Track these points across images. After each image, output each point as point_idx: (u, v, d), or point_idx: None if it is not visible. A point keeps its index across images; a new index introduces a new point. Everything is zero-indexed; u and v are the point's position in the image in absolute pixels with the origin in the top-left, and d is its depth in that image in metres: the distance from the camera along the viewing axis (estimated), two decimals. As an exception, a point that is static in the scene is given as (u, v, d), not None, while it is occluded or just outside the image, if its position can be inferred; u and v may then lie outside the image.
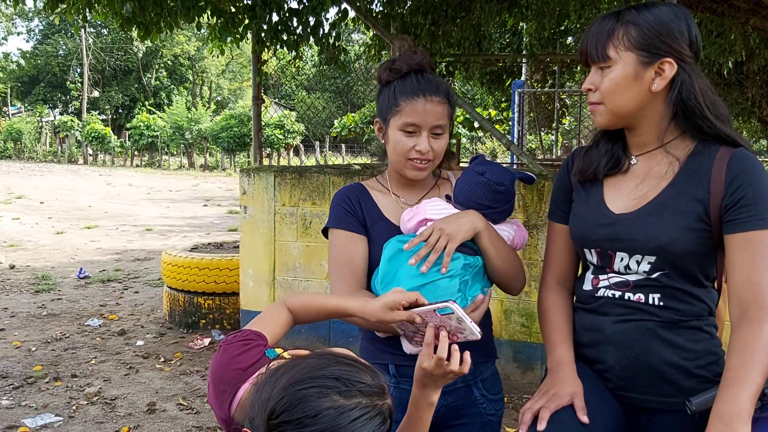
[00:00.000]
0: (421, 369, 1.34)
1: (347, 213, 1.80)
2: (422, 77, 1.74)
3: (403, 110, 1.72)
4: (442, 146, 1.75)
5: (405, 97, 1.72)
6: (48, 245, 10.19)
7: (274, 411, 1.03)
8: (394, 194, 1.84)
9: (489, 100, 16.63)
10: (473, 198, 1.72)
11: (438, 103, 1.71)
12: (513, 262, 1.74)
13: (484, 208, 1.72)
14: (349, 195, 1.83)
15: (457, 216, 1.68)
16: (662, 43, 1.50)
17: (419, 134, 1.71)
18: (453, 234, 1.63)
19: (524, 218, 4.16)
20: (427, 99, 1.70)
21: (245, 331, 1.30)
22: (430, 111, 1.70)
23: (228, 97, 51.87)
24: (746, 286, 1.43)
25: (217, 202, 18.06)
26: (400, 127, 1.72)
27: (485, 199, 1.72)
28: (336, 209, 1.82)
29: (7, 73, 47.50)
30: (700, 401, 1.45)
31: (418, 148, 1.71)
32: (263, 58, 5.96)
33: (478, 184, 1.72)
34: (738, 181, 1.46)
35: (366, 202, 1.82)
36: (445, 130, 1.74)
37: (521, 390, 4.21)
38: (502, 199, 1.74)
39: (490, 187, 1.71)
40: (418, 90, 1.71)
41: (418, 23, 6.68)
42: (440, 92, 1.73)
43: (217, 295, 5.48)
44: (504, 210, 1.76)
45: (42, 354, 4.93)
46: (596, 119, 1.61)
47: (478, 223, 1.67)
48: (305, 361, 1.11)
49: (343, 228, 1.79)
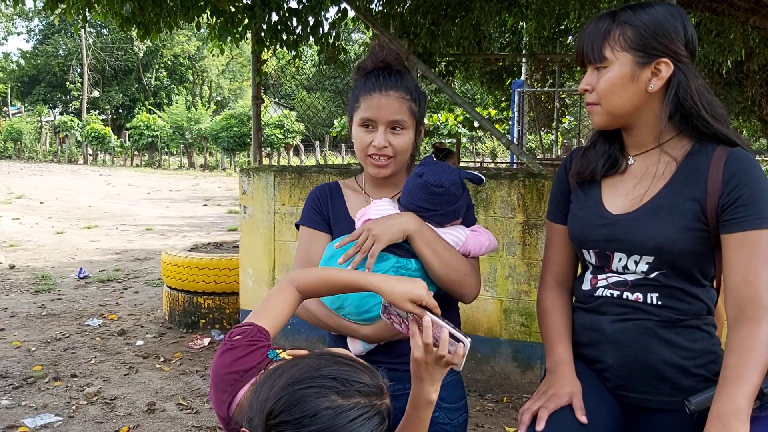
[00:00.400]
0: (414, 361, 1.32)
1: (313, 211, 1.83)
2: (384, 74, 1.73)
3: (361, 106, 1.73)
4: (402, 142, 1.72)
5: (363, 94, 1.73)
6: (48, 245, 10.19)
7: (273, 411, 1.03)
8: (366, 194, 1.84)
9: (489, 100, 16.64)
10: (412, 200, 1.68)
11: (395, 98, 1.70)
12: (456, 268, 1.67)
13: (423, 210, 1.67)
14: (319, 193, 1.86)
15: (389, 217, 1.65)
16: (658, 44, 1.50)
17: (376, 129, 1.70)
18: (379, 235, 1.60)
19: (524, 218, 4.16)
20: (383, 94, 1.70)
21: (251, 329, 1.27)
22: (386, 105, 1.69)
23: (228, 96, 51.88)
24: (743, 285, 1.43)
25: (216, 201, 18.07)
26: (358, 122, 1.73)
27: (423, 201, 1.67)
28: (306, 206, 1.85)
29: (7, 73, 47.52)
30: (699, 401, 1.45)
31: (374, 143, 1.70)
32: (263, 57, 5.96)
33: (416, 185, 1.67)
34: (735, 180, 1.46)
35: (336, 201, 1.84)
36: (405, 126, 1.71)
37: (521, 389, 4.21)
38: (443, 201, 1.67)
39: (427, 188, 1.66)
40: (374, 86, 1.71)
41: (418, 23, 6.68)
42: (399, 88, 1.71)
43: (217, 294, 5.48)
44: (447, 212, 1.69)
45: (42, 354, 4.93)
46: (593, 120, 1.61)
47: (409, 225, 1.63)
48: (304, 361, 1.11)
49: (307, 225, 1.82)
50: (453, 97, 5.57)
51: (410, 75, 1.79)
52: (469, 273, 1.71)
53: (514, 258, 4.21)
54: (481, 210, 4.24)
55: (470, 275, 1.71)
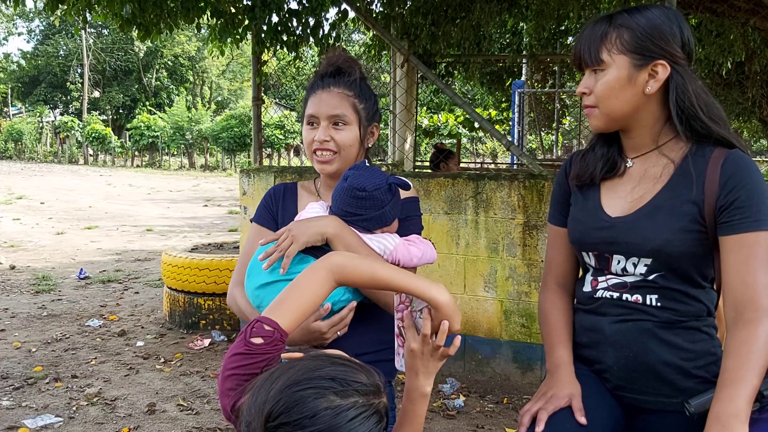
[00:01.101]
0: (410, 351, 1.32)
1: (265, 209, 1.88)
2: (332, 75, 1.79)
3: (307, 105, 1.80)
4: (344, 137, 1.76)
5: (309, 94, 1.81)
6: (48, 246, 10.20)
7: (272, 413, 1.03)
8: (318, 196, 1.88)
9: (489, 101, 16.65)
10: (338, 204, 1.68)
11: (336, 94, 1.75)
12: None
13: (348, 214, 1.66)
14: (274, 192, 1.91)
15: (310, 219, 1.66)
16: (655, 46, 1.51)
17: (318, 125, 1.76)
18: (297, 236, 1.60)
19: (524, 219, 4.16)
20: (324, 90, 1.76)
21: (274, 337, 1.21)
22: (326, 100, 1.75)
23: (228, 97, 51.91)
24: (741, 287, 1.43)
25: (217, 202, 18.08)
26: (305, 121, 1.80)
27: (347, 204, 1.65)
28: (260, 204, 1.90)
29: (8, 74, 47.57)
30: (699, 402, 1.45)
31: (316, 137, 1.75)
32: (263, 58, 5.96)
33: (341, 189, 1.67)
34: (732, 182, 1.47)
35: (288, 201, 1.88)
36: (347, 121, 1.75)
37: (521, 391, 4.21)
38: (367, 205, 1.64)
39: (350, 192, 1.64)
40: (319, 85, 1.78)
41: (418, 24, 6.69)
42: (341, 84, 1.77)
43: (218, 295, 5.48)
44: (372, 218, 1.65)
45: (42, 355, 4.93)
46: (591, 123, 1.62)
47: (327, 228, 1.62)
48: (300, 363, 1.11)
49: (257, 222, 1.87)
50: (453, 97, 5.57)
51: (362, 78, 1.83)
52: None
53: (514, 259, 4.21)
54: (482, 211, 4.24)
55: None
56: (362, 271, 1.33)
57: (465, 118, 19.71)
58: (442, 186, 4.32)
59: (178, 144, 35.85)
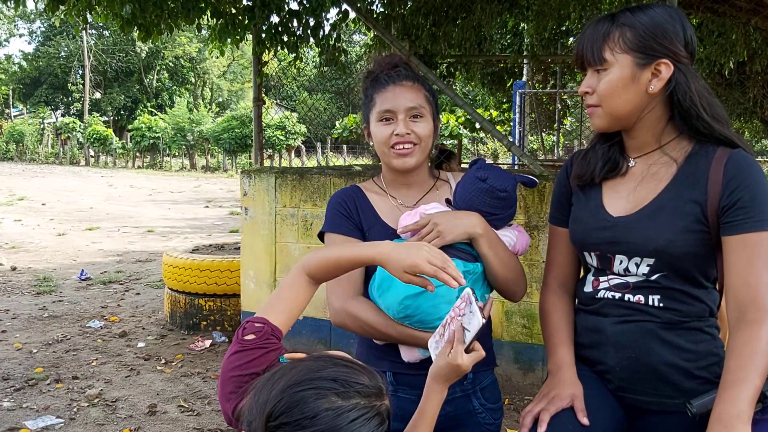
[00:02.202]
0: (453, 365, 1.35)
1: (343, 217, 1.79)
2: (392, 71, 1.77)
3: (376, 103, 1.75)
4: (424, 129, 1.73)
5: (377, 91, 1.76)
6: (49, 247, 10.20)
7: (273, 413, 1.03)
8: (390, 196, 1.82)
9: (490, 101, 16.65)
10: (475, 205, 1.68)
11: (409, 87, 1.73)
12: (514, 269, 1.71)
13: (486, 215, 1.68)
14: (345, 198, 1.82)
15: (456, 215, 1.66)
16: (658, 45, 1.50)
17: (395, 119, 1.72)
18: (444, 231, 1.61)
19: (525, 219, 4.15)
20: (396, 84, 1.74)
21: (265, 330, 1.26)
22: (401, 94, 1.72)
23: (229, 98, 51.93)
24: (744, 287, 1.42)
25: (218, 203, 18.08)
26: (377, 118, 1.74)
27: (487, 205, 1.68)
28: (332, 213, 1.81)
29: (9, 75, 47.61)
30: (701, 403, 1.44)
31: (397, 131, 1.71)
32: (264, 59, 5.96)
33: (479, 190, 1.67)
34: (735, 182, 1.46)
35: (363, 206, 1.81)
36: (424, 113, 1.73)
37: (522, 391, 4.21)
38: (505, 205, 1.70)
39: (492, 193, 1.67)
40: (387, 81, 1.75)
41: (419, 24, 6.68)
42: (410, 78, 1.75)
43: (218, 296, 5.48)
44: (506, 216, 1.72)
45: (43, 356, 4.93)
46: (594, 122, 1.61)
47: (476, 227, 1.64)
48: (302, 363, 1.11)
49: (339, 232, 1.77)
50: (454, 98, 5.57)
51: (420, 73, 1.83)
52: (522, 272, 1.75)
53: (515, 259, 4.20)
54: (483, 211, 4.23)
55: (522, 276, 1.75)
56: (323, 256, 1.42)
57: (466, 119, 19.71)
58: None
59: (179, 145, 35.85)
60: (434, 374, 1.39)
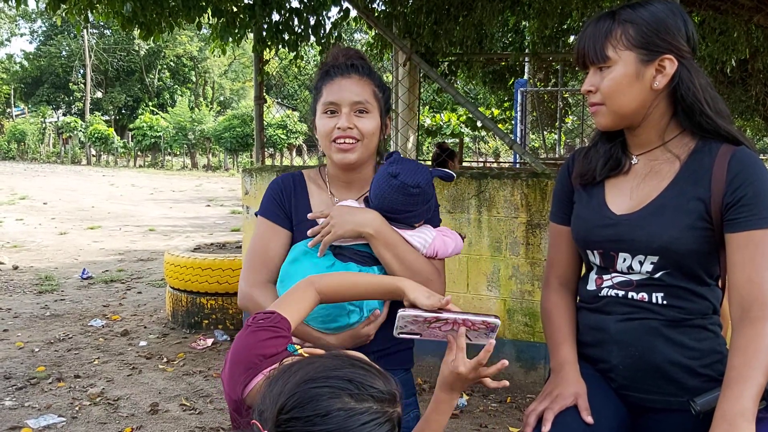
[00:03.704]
0: (455, 373, 1.35)
1: (275, 203, 1.77)
2: (343, 63, 1.72)
3: (322, 93, 1.71)
4: (368, 125, 1.68)
5: (325, 83, 1.72)
6: (51, 246, 10.21)
7: (285, 406, 1.03)
8: (330, 192, 1.79)
9: (491, 100, 16.62)
10: (386, 201, 1.62)
11: (357, 81, 1.69)
12: (419, 271, 1.63)
13: (397, 212, 1.63)
14: (283, 185, 1.79)
15: (352, 211, 1.63)
16: (661, 40, 1.49)
17: (339, 113, 1.68)
18: (336, 226, 1.60)
19: (527, 217, 4.15)
20: (343, 77, 1.69)
21: (276, 316, 1.28)
22: (347, 87, 1.68)
23: (231, 97, 51.95)
24: (747, 285, 1.42)
25: (219, 202, 18.08)
26: (322, 110, 1.71)
27: (399, 202, 1.61)
28: (267, 197, 1.79)
29: (11, 75, 47.64)
30: (705, 401, 1.44)
31: (339, 125, 1.66)
32: (265, 58, 5.95)
33: (391, 187, 1.60)
34: (738, 180, 1.45)
35: (299, 196, 1.78)
36: (370, 109, 1.69)
37: (524, 390, 4.20)
38: (418, 201, 1.63)
39: (404, 190, 1.60)
40: (335, 73, 1.71)
41: (421, 22, 6.67)
42: (360, 72, 1.71)
43: (220, 295, 5.48)
44: (421, 212, 1.66)
45: (45, 355, 4.93)
46: (598, 121, 1.59)
47: (365, 227, 1.60)
48: (320, 360, 1.11)
49: (267, 218, 1.76)
50: (456, 96, 5.56)
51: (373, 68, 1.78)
52: (433, 276, 1.66)
53: (517, 258, 4.19)
54: (485, 210, 4.23)
55: (434, 278, 1.66)
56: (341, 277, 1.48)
57: (467, 117, 19.70)
58: (444, 185, 4.31)
59: (181, 144, 35.88)
60: (440, 383, 1.39)
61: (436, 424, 1.38)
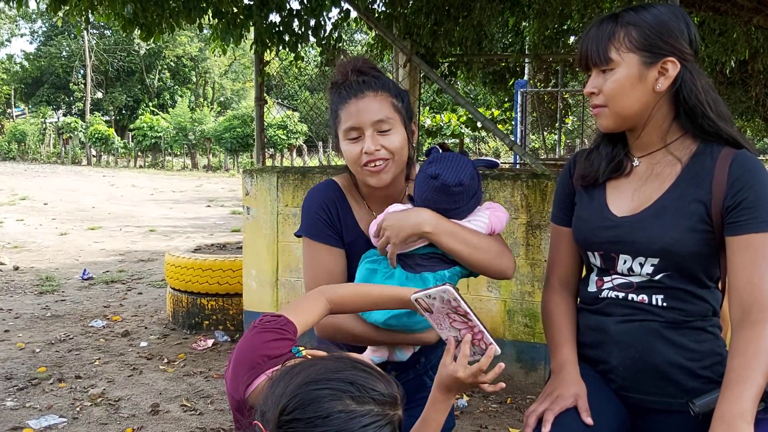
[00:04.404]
0: (453, 377, 1.36)
1: (326, 225, 1.70)
2: (354, 81, 1.65)
3: (341, 119, 1.64)
4: (394, 142, 1.61)
5: (340, 105, 1.65)
6: (52, 246, 10.21)
7: (287, 407, 1.04)
8: (368, 207, 1.75)
9: (492, 100, 16.63)
10: (431, 203, 1.59)
11: (372, 98, 1.61)
12: (490, 249, 1.62)
13: (446, 211, 1.60)
14: (327, 203, 1.72)
15: (403, 216, 1.58)
16: (664, 43, 1.50)
17: (363, 136, 1.61)
18: (392, 236, 1.56)
19: (527, 218, 4.15)
20: (359, 98, 1.62)
21: (282, 318, 1.30)
22: (365, 108, 1.61)
23: (231, 97, 51.93)
24: (748, 288, 1.43)
25: (220, 202, 18.08)
26: (344, 136, 1.64)
27: (444, 202, 1.59)
28: (313, 217, 1.71)
29: (11, 75, 47.63)
30: (704, 402, 1.45)
31: (365, 149, 1.60)
32: (266, 59, 5.96)
33: (433, 189, 1.58)
34: (739, 183, 1.46)
35: (344, 213, 1.72)
36: (392, 124, 1.62)
37: (524, 390, 4.21)
38: (464, 197, 1.60)
39: (446, 190, 1.57)
40: (348, 94, 1.63)
41: (421, 23, 6.67)
42: (374, 87, 1.63)
43: (221, 296, 5.48)
44: (470, 206, 1.64)
45: (46, 355, 4.94)
46: (601, 122, 1.60)
47: (423, 226, 1.56)
48: (322, 362, 1.12)
49: (321, 241, 1.69)
50: (456, 97, 5.57)
51: (385, 75, 1.71)
52: (502, 250, 1.66)
53: (517, 259, 4.20)
54: (485, 211, 4.23)
55: (503, 252, 1.66)
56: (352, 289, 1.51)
57: (468, 118, 19.69)
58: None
59: (181, 144, 35.86)
60: (437, 384, 1.40)
61: (434, 423, 1.39)
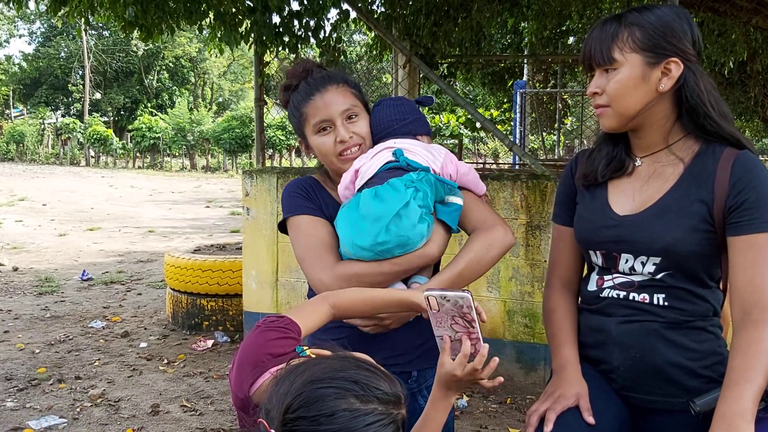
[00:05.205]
0: (451, 374, 1.36)
1: (304, 199, 1.76)
2: (310, 78, 1.75)
3: (308, 115, 1.73)
4: (363, 127, 1.74)
5: (303, 103, 1.74)
6: (51, 247, 10.20)
7: (291, 406, 1.04)
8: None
9: (491, 101, 16.66)
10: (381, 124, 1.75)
11: (336, 91, 1.72)
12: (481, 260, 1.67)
13: (394, 122, 1.74)
14: (303, 185, 1.80)
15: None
16: (667, 43, 1.50)
17: (334, 126, 1.72)
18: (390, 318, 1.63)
19: (527, 219, 4.16)
20: (322, 92, 1.72)
21: (286, 319, 1.31)
22: (331, 100, 1.71)
23: (230, 98, 51.90)
24: (749, 288, 1.43)
25: (219, 203, 18.08)
26: (314, 131, 1.73)
27: (391, 115, 1.75)
28: (292, 198, 1.77)
29: (10, 76, 47.59)
30: (704, 402, 1.45)
31: (339, 138, 1.70)
32: (265, 60, 5.96)
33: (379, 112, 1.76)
34: (741, 183, 1.47)
35: (321, 193, 1.79)
36: (358, 111, 1.74)
37: (524, 391, 4.21)
38: (407, 109, 1.77)
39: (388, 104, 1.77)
40: (310, 90, 1.73)
41: (420, 24, 6.67)
42: (334, 80, 1.74)
43: (220, 296, 5.48)
44: (416, 120, 1.78)
45: (46, 356, 4.94)
46: (604, 123, 1.60)
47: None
48: (327, 361, 1.13)
49: (302, 213, 1.74)
50: (455, 98, 5.57)
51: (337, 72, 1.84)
52: (486, 243, 1.68)
53: (517, 259, 4.21)
54: (484, 211, 4.24)
55: (489, 243, 1.68)
56: (355, 293, 1.51)
57: (467, 119, 19.71)
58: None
59: (180, 145, 35.85)
60: (436, 383, 1.41)
61: (434, 423, 1.40)
